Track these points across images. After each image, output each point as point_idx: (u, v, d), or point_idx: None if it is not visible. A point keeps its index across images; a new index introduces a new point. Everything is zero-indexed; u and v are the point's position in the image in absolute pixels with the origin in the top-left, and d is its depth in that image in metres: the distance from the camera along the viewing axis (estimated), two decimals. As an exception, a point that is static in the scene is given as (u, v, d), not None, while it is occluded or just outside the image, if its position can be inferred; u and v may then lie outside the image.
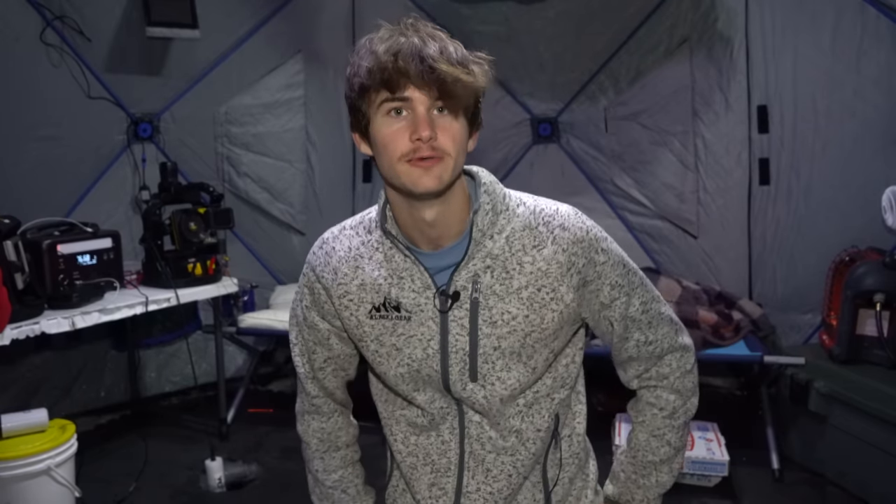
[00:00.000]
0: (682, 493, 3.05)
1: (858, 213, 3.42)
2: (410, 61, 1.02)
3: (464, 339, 1.16)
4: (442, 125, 1.06)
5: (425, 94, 1.04)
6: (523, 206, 1.17)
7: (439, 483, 1.27)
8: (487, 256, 1.14)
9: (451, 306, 1.15)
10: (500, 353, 1.16)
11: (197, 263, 3.39)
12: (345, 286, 1.20)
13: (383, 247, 1.18)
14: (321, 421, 1.34)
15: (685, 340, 1.27)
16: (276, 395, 4.29)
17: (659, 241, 4.24)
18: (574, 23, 4.00)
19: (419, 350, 1.18)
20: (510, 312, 1.15)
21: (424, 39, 1.04)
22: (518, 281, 1.14)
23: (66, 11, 3.39)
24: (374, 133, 1.09)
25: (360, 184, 4.54)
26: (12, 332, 2.68)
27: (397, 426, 1.28)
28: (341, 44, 4.26)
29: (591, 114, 4.28)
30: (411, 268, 1.16)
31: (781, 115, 3.63)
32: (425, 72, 1.02)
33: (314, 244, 1.27)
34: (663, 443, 1.29)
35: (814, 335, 3.69)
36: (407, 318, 1.17)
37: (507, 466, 1.24)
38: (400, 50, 1.03)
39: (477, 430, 1.23)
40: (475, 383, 1.18)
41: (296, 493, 1.48)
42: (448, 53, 1.04)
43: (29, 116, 3.44)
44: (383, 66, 1.03)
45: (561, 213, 1.17)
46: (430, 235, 1.14)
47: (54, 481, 2.55)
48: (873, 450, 2.90)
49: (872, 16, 3.25)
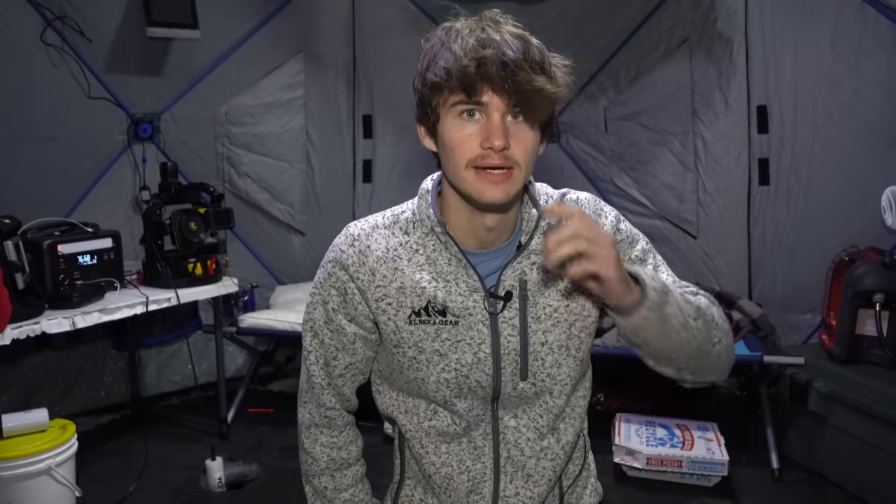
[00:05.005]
0: (682, 493, 3.05)
1: (858, 213, 3.42)
2: (492, 66, 0.97)
3: (515, 340, 1.15)
4: (516, 134, 1.02)
5: (503, 100, 0.99)
6: (551, 199, 1.18)
7: (477, 489, 1.23)
8: (532, 253, 1.14)
9: (504, 307, 1.13)
10: (548, 348, 1.15)
11: (197, 263, 3.39)
12: (383, 289, 1.14)
13: (425, 249, 1.14)
14: (332, 435, 1.28)
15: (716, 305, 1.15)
16: (277, 395, 4.29)
17: (659, 241, 4.24)
18: (574, 23, 4.00)
19: (469, 354, 1.14)
20: (552, 305, 1.15)
21: (508, 41, 0.98)
22: (553, 274, 1.13)
23: (66, 11, 3.39)
24: (442, 132, 1.05)
25: (360, 184, 4.54)
26: (13, 331, 2.68)
27: (427, 438, 1.22)
28: (341, 44, 4.28)
29: (591, 114, 4.28)
30: (458, 270, 1.13)
31: (781, 115, 3.63)
32: (507, 78, 0.97)
33: (338, 241, 1.18)
34: (695, 299, 1.11)
35: (813, 335, 3.69)
36: (454, 323, 1.13)
37: (548, 472, 1.23)
38: (482, 52, 0.97)
39: (514, 436, 1.20)
40: (526, 382, 1.16)
41: (296, 494, 1.47)
42: (531, 58, 0.98)
43: (29, 116, 3.44)
44: (464, 68, 0.98)
45: (581, 201, 1.19)
46: (486, 239, 1.13)
47: (54, 481, 2.55)
48: (873, 450, 2.90)
49: (872, 16, 3.25)
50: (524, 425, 1.20)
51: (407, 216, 1.16)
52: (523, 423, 1.20)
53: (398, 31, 4.14)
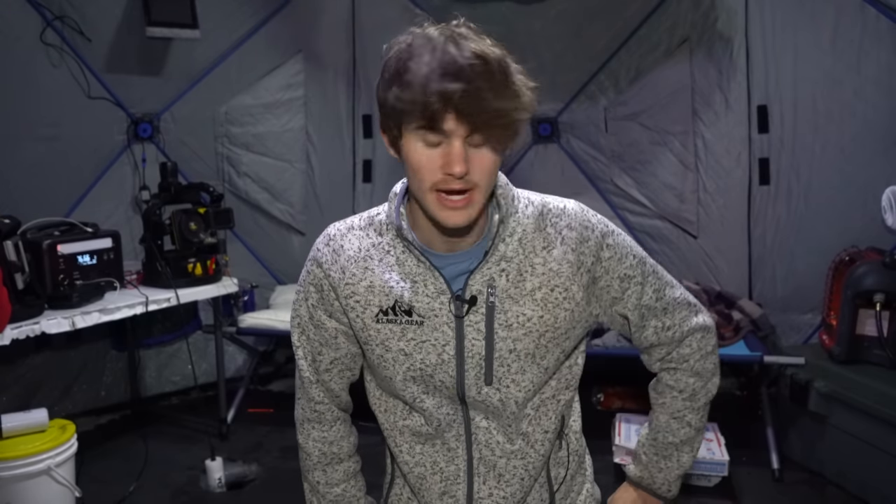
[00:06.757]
0: (682, 493, 3.04)
1: (858, 213, 3.42)
2: (452, 95, 0.95)
3: (480, 344, 1.15)
4: (476, 156, 1.02)
5: (465, 128, 0.99)
6: (531, 206, 1.16)
7: (450, 491, 1.25)
8: (502, 260, 1.13)
9: (468, 311, 1.14)
10: (515, 355, 1.16)
11: (197, 263, 3.39)
12: (352, 286, 1.17)
13: (395, 250, 1.16)
14: (322, 430, 1.30)
15: (705, 320, 1.26)
16: (276, 395, 4.29)
17: (659, 241, 4.24)
18: (574, 23, 4.00)
19: (433, 355, 1.16)
20: (525, 314, 1.14)
21: (471, 63, 0.96)
22: (531, 283, 1.13)
23: (66, 11, 3.39)
24: (405, 151, 1.05)
25: (360, 184, 4.54)
26: (12, 332, 2.68)
27: (401, 437, 1.25)
28: (341, 44, 4.27)
29: (591, 114, 4.28)
30: (425, 272, 1.14)
31: (781, 115, 3.63)
32: (468, 108, 0.96)
33: (318, 240, 1.24)
34: (683, 424, 1.29)
35: (814, 335, 3.69)
36: (419, 323, 1.15)
37: (518, 470, 1.23)
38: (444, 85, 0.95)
39: (485, 436, 1.22)
40: (490, 387, 1.17)
41: (296, 493, 1.47)
42: (495, 83, 0.97)
43: (29, 116, 3.45)
44: (424, 100, 0.96)
45: (567, 212, 1.17)
46: (449, 243, 1.13)
47: (54, 481, 2.56)
48: (873, 450, 2.90)
49: (872, 16, 3.25)
50: (494, 427, 1.21)
51: (381, 218, 1.19)
52: (494, 425, 1.21)
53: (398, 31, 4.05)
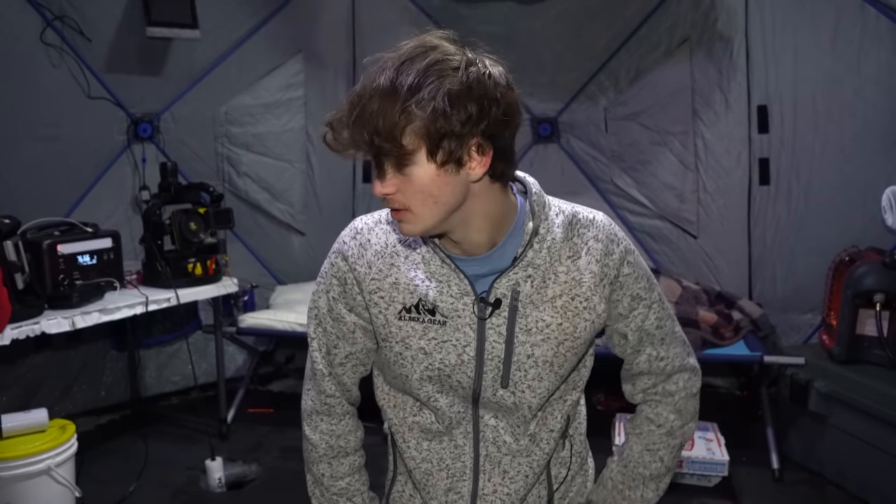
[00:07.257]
0: (682, 493, 3.05)
1: (858, 213, 3.42)
2: (353, 129, 1.02)
3: (500, 347, 1.16)
4: (399, 180, 1.04)
5: (370, 156, 1.04)
6: (562, 214, 1.17)
7: (455, 487, 1.26)
8: (529, 266, 1.14)
9: (492, 314, 1.15)
10: (533, 361, 1.16)
11: (197, 263, 3.39)
12: (378, 282, 1.17)
13: (421, 248, 1.16)
14: (331, 423, 1.30)
15: (694, 363, 1.30)
16: (276, 395, 4.29)
17: (659, 241, 4.24)
18: (574, 23, 4.00)
19: (453, 356, 1.17)
20: (544, 320, 1.15)
21: (375, 94, 1.01)
22: (553, 290, 1.14)
23: (66, 11, 3.39)
24: None
25: (360, 184, 4.54)
26: (12, 332, 2.68)
27: (409, 433, 1.26)
28: (341, 44, 4.27)
29: (591, 114, 4.28)
30: (450, 273, 1.15)
31: (781, 115, 3.63)
32: (364, 139, 1.01)
33: (343, 233, 1.22)
34: (656, 458, 1.30)
35: (814, 335, 3.69)
36: (442, 323, 1.15)
37: (523, 468, 1.25)
38: (344, 128, 1.02)
39: (493, 434, 1.23)
40: (505, 390, 1.18)
41: (296, 493, 1.47)
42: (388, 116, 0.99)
43: (29, 116, 3.44)
44: (336, 137, 1.04)
45: (596, 223, 1.18)
46: (460, 248, 1.14)
47: (54, 481, 2.56)
48: (873, 450, 2.90)
49: (872, 16, 3.25)
50: (503, 426, 1.22)
51: None
52: (502, 424, 1.22)
53: (398, 31, 4.05)
